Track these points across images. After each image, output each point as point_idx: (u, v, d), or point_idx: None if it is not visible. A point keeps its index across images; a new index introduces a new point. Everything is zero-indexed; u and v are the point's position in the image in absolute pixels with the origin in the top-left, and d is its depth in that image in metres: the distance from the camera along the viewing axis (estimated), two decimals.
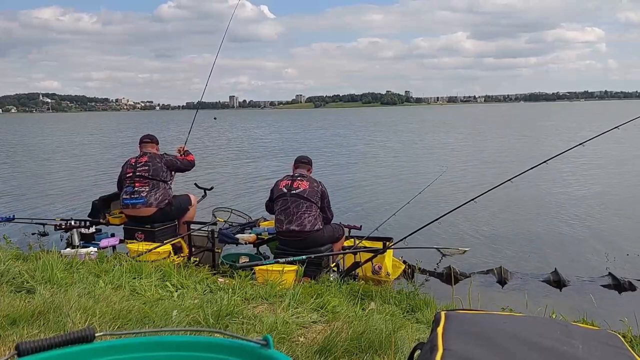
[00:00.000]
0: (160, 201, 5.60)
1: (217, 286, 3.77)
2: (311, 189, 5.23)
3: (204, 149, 24.82)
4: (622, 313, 4.35)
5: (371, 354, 2.58)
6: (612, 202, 10.81)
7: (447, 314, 1.33)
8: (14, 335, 2.53)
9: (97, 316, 2.76)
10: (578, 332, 1.26)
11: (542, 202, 10.78)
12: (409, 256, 6.34)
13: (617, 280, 5.97)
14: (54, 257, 3.85)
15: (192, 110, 9.54)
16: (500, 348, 1.14)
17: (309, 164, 5.62)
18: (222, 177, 15.21)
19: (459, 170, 15.40)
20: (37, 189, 13.65)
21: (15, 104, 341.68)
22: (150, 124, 69.33)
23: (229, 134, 42.21)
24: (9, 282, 3.41)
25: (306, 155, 5.80)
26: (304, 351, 2.59)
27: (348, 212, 9.91)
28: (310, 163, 5.64)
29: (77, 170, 18.04)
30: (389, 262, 5.52)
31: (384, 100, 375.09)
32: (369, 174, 16.06)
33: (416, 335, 2.99)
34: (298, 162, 5.59)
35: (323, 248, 5.24)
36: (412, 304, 4.06)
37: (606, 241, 7.89)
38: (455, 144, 27.16)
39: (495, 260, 6.82)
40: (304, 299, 3.49)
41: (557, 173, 13.61)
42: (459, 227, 8.38)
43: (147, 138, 5.98)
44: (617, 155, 18.18)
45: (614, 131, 5.36)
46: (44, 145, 31.17)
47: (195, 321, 2.86)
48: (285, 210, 5.20)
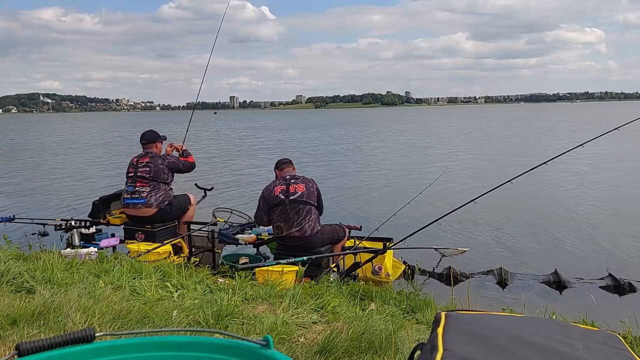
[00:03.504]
0: (161, 202, 5.60)
1: (217, 286, 3.78)
2: (308, 190, 5.14)
3: (203, 149, 24.84)
4: (622, 314, 4.35)
5: (371, 354, 2.58)
6: (612, 203, 10.81)
7: (447, 315, 1.33)
8: (14, 335, 2.53)
9: (97, 316, 2.76)
10: (578, 333, 1.26)
11: (542, 203, 10.78)
12: (409, 257, 6.34)
13: (617, 281, 5.97)
14: (54, 257, 3.85)
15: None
16: (500, 348, 1.14)
17: (292, 163, 5.52)
18: (222, 178, 15.21)
19: (459, 170, 15.40)
20: (38, 189, 13.65)
21: (15, 104, 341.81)
22: (150, 124, 69.26)
23: (228, 134, 42.21)
24: (9, 282, 3.41)
25: (285, 157, 5.72)
26: (304, 351, 2.59)
27: (348, 212, 9.91)
28: (292, 162, 5.53)
29: (78, 170, 18.04)
30: (389, 263, 5.51)
31: (384, 100, 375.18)
32: (369, 174, 16.07)
33: (416, 336, 2.99)
34: (282, 164, 5.45)
35: (323, 249, 5.23)
36: (412, 304, 4.06)
37: (606, 242, 7.89)
38: (455, 144, 27.15)
39: (496, 261, 6.82)
40: (304, 300, 3.49)
41: (558, 174, 13.61)
42: (459, 228, 8.38)
43: (148, 137, 5.94)
44: (617, 156, 18.18)
45: (614, 132, 5.36)
46: (44, 145, 31.18)
47: (196, 321, 2.86)
48: (285, 218, 5.10)
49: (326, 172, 15.94)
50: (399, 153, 22.96)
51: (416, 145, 26.99)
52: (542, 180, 12.18)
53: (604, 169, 15.71)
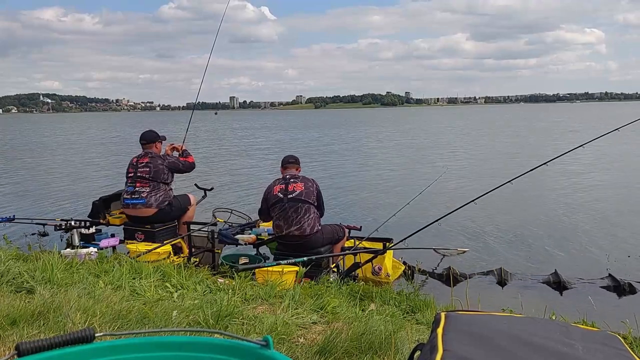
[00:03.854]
0: (161, 202, 5.60)
1: (217, 287, 3.78)
2: (306, 189, 5.15)
3: (203, 149, 24.84)
4: (622, 314, 4.36)
5: (371, 354, 2.58)
6: (612, 203, 10.81)
7: (447, 315, 1.33)
8: (14, 335, 2.53)
9: (97, 316, 2.76)
10: (578, 333, 1.27)
11: (542, 204, 10.78)
12: (409, 257, 6.34)
13: (617, 281, 5.97)
14: (54, 258, 3.85)
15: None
16: (500, 349, 1.14)
17: (297, 162, 5.48)
18: (222, 178, 15.21)
19: (459, 171, 15.40)
20: (38, 189, 13.64)
21: (15, 104, 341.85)
22: (150, 125, 69.27)
23: (228, 135, 42.22)
24: (9, 282, 3.41)
25: (292, 155, 5.65)
26: (303, 352, 2.59)
27: (348, 212, 9.92)
28: (298, 162, 5.49)
29: (77, 170, 18.04)
30: (389, 263, 5.51)
31: (384, 101, 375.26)
32: (369, 174, 16.07)
33: (416, 336, 2.99)
34: (286, 163, 5.44)
35: (323, 249, 5.23)
36: (412, 304, 4.06)
37: (606, 242, 7.89)
38: (455, 144, 27.16)
39: (495, 261, 6.82)
40: (304, 300, 3.49)
41: (558, 175, 13.61)
42: (459, 228, 8.37)
43: (147, 137, 5.93)
44: (617, 156, 18.18)
45: (614, 132, 5.36)
46: (44, 146, 31.17)
47: (195, 322, 2.86)
48: (284, 216, 5.12)
49: (326, 172, 15.94)
50: (398, 153, 22.97)
51: (416, 146, 27.00)
52: (542, 180, 12.18)
53: (604, 169, 15.71)
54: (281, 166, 5.51)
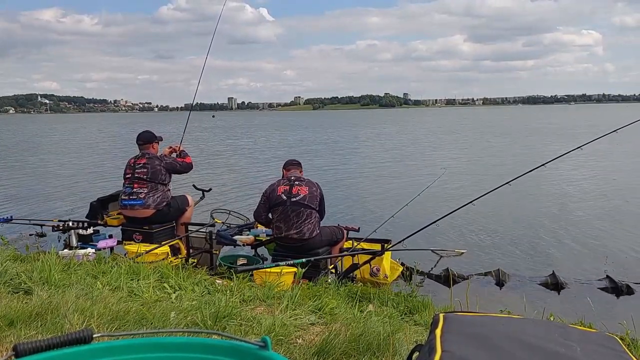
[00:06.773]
0: (159, 203, 5.59)
1: (215, 288, 3.77)
2: (311, 194, 5.12)
3: (201, 150, 24.83)
4: (619, 316, 4.37)
5: (369, 356, 2.58)
6: (610, 205, 10.82)
7: (445, 316, 1.33)
8: (11, 336, 2.52)
9: (95, 317, 2.75)
10: (576, 334, 1.27)
11: (540, 205, 10.79)
12: (407, 258, 6.34)
13: (615, 283, 5.98)
14: (51, 258, 3.84)
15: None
16: (498, 350, 1.14)
17: (300, 165, 5.51)
18: (220, 179, 15.20)
19: (457, 172, 15.41)
20: (35, 189, 13.62)
21: (13, 105, 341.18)
22: (148, 126, 69.20)
23: (227, 135, 42.20)
24: (6, 283, 3.40)
25: (294, 158, 5.69)
26: (302, 353, 2.59)
27: (346, 213, 9.91)
28: (300, 165, 5.53)
29: (75, 171, 18.02)
30: (387, 264, 5.51)
31: (382, 102, 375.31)
32: (367, 175, 16.07)
33: (414, 337, 2.99)
34: (289, 164, 5.45)
35: (321, 250, 5.22)
36: (410, 305, 4.06)
37: (604, 244, 7.90)
38: (453, 146, 27.19)
39: (493, 263, 6.82)
40: (302, 301, 3.49)
41: (556, 176, 13.63)
42: (457, 230, 8.38)
43: (144, 138, 5.92)
44: (615, 158, 18.22)
45: (612, 134, 5.37)
46: (41, 146, 31.13)
47: (193, 322, 2.86)
48: (285, 219, 5.08)
49: (324, 173, 15.93)
50: (397, 154, 22.97)
51: (415, 147, 27.00)
52: (540, 182, 12.19)
53: (602, 170, 15.73)
54: (283, 167, 5.51)
